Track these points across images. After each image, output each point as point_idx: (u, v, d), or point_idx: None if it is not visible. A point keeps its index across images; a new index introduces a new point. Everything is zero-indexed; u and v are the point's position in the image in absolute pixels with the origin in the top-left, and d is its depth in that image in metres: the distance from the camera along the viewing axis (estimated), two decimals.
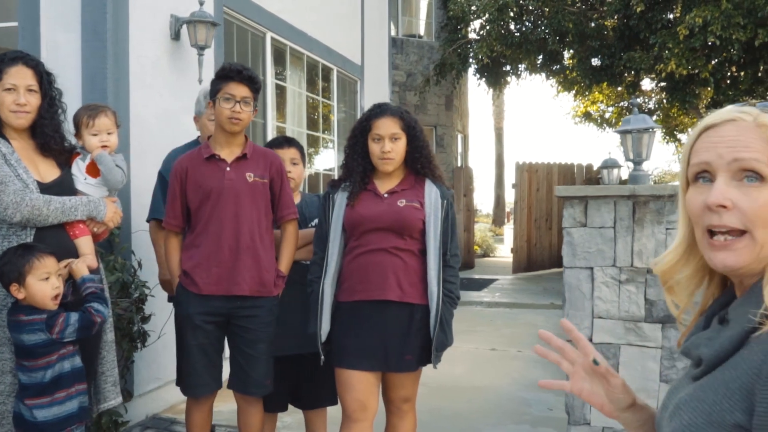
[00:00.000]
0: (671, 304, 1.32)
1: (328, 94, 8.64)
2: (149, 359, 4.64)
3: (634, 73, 11.95)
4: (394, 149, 3.09)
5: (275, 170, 3.39)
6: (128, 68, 4.64)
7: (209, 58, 5.44)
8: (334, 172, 8.62)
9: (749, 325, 1.07)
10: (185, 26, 5.13)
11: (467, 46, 13.43)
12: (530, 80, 66.82)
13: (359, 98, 9.42)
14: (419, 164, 3.18)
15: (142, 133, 4.73)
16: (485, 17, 12.55)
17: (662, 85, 12.37)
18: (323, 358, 3.16)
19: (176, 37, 5.16)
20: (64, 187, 2.97)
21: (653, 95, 14.63)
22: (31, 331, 2.69)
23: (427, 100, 14.66)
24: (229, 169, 3.29)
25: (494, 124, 30.04)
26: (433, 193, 3.16)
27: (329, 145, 8.92)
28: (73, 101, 3.73)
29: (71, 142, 3.10)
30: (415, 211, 3.09)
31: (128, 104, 4.63)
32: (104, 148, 3.10)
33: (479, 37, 13.29)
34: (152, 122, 4.87)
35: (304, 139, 7.79)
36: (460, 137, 16.79)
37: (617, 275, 3.72)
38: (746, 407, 1.02)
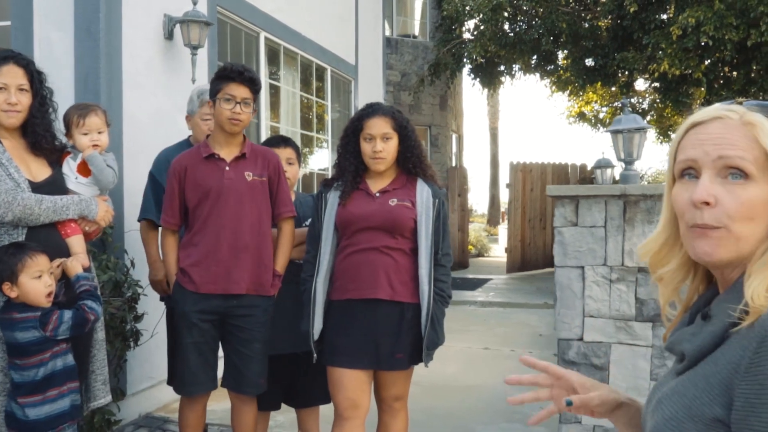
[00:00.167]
0: (661, 295, 1.34)
1: (322, 93, 8.65)
2: (142, 358, 4.65)
3: (627, 73, 11.98)
4: (385, 149, 3.11)
5: (273, 169, 3.41)
6: (121, 68, 4.65)
7: (203, 57, 5.45)
8: (328, 171, 8.63)
9: (729, 320, 1.09)
10: (178, 26, 5.13)
11: (461, 46, 13.45)
12: (524, 80, 66.88)
13: (353, 98, 9.43)
14: (411, 164, 3.20)
15: (135, 132, 4.74)
16: (479, 17, 12.56)
17: (655, 85, 12.40)
18: (316, 356, 3.18)
19: (169, 36, 5.16)
20: (55, 186, 2.97)
21: (647, 95, 14.67)
22: (24, 328, 2.69)
23: (421, 100, 14.66)
24: (228, 168, 3.31)
25: (489, 124, 30.09)
26: (424, 192, 3.17)
27: (323, 144, 8.93)
28: (66, 100, 3.74)
29: (62, 141, 3.10)
30: (406, 210, 3.11)
31: (121, 104, 4.64)
32: (95, 147, 3.11)
33: (473, 37, 13.30)
34: (145, 122, 4.87)
35: (298, 138, 7.80)
36: (454, 137, 16.80)
37: (608, 274, 3.74)
38: (725, 401, 1.03)
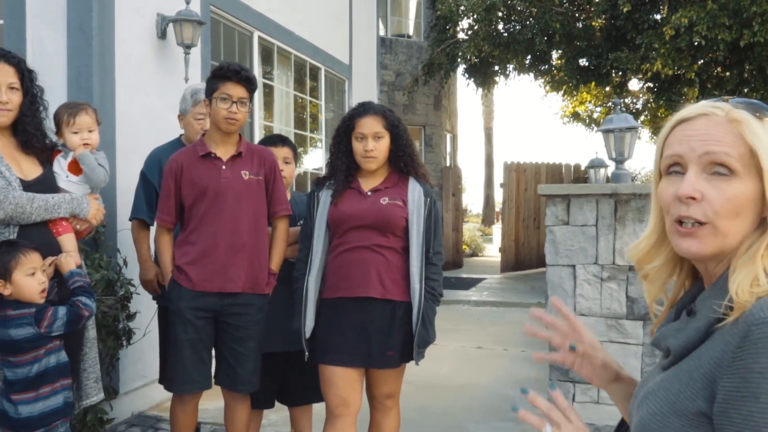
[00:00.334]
0: (647, 291, 1.36)
1: (316, 93, 8.65)
2: (135, 357, 4.65)
3: (621, 73, 12.01)
4: (377, 148, 3.12)
5: (269, 167, 3.42)
6: (114, 66, 4.64)
7: (196, 56, 5.45)
8: (322, 171, 8.63)
9: (714, 315, 1.10)
10: (171, 25, 5.13)
11: (456, 46, 13.46)
12: (519, 80, 66.98)
13: (347, 97, 9.43)
14: (403, 162, 3.22)
15: (127, 131, 4.74)
16: (473, 17, 12.57)
17: (649, 85, 12.43)
18: (307, 354, 3.19)
19: (162, 35, 5.16)
20: (46, 184, 2.97)
21: (641, 95, 14.70)
22: (19, 325, 2.69)
23: (415, 99, 14.68)
24: (225, 167, 3.32)
25: (484, 124, 30.12)
26: (416, 191, 3.19)
27: (317, 144, 8.93)
28: (58, 99, 3.73)
29: (52, 139, 3.10)
30: (397, 208, 3.12)
31: (114, 102, 4.64)
32: (85, 145, 3.11)
33: (467, 37, 13.32)
34: (138, 121, 4.87)
35: (291, 138, 7.78)
36: (448, 137, 16.82)
37: (599, 273, 3.75)
38: (708, 395, 1.05)
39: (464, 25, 13.85)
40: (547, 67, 14.09)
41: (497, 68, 14.53)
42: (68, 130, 3.10)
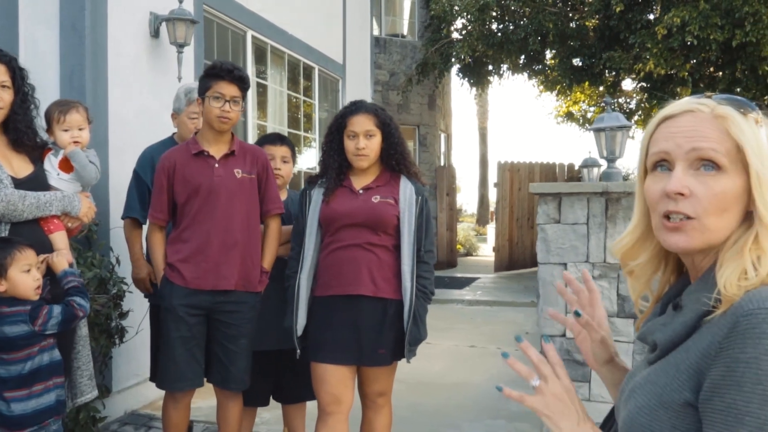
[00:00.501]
0: (632, 288, 1.37)
1: (309, 92, 8.66)
2: (128, 356, 4.65)
3: (614, 73, 12.04)
4: (368, 146, 3.13)
5: (261, 166, 3.43)
6: (107, 65, 4.65)
7: (189, 55, 5.45)
8: (316, 170, 8.62)
9: (703, 308, 1.11)
10: (164, 24, 5.14)
11: (449, 45, 13.48)
12: (513, 80, 67.03)
13: (341, 97, 9.44)
14: (394, 161, 3.23)
15: (120, 130, 4.74)
16: (467, 17, 12.60)
17: (642, 85, 12.47)
18: (299, 352, 3.20)
19: (155, 34, 5.17)
20: (38, 182, 2.97)
21: (634, 95, 14.74)
22: (13, 322, 2.70)
23: (410, 99, 14.69)
24: (217, 165, 3.33)
25: (478, 123, 30.15)
26: (408, 189, 3.20)
27: (311, 143, 8.94)
28: (51, 98, 3.72)
29: (42, 137, 3.10)
30: (389, 207, 3.13)
31: (107, 101, 4.64)
32: (75, 143, 3.11)
33: (461, 36, 13.34)
34: (131, 120, 4.87)
35: None
36: (443, 136, 16.82)
37: (590, 271, 3.77)
38: (694, 386, 1.06)
39: (458, 24, 13.88)
40: (540, 66, 14.12)
41: (491, 68, 14.56)
42: (59, 127, 3.10)
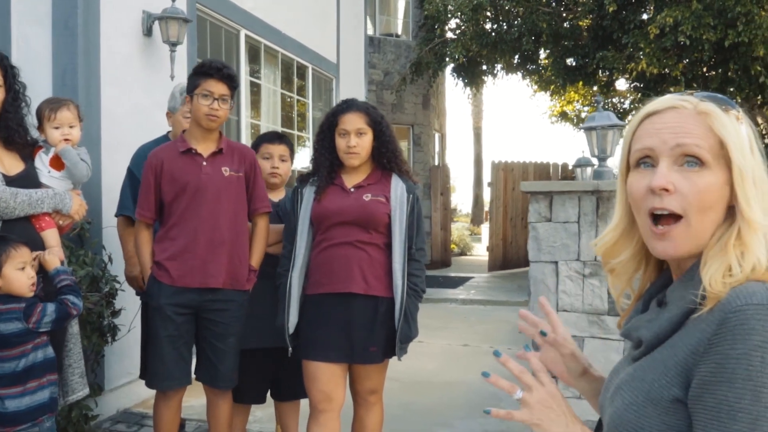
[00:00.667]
0: (613, 286, 1.38)
1: (303, 92, 8.66)
2: (120, 354, 4.65)
3: (608, 73, 12.06)
4: (359, 144, 3.14)
5: (249, 165, 3.44)
6: (99, 64, 4.64)
7: (182, 54, 5.45)
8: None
9: (689, 306, 1.12)
10: (157, 22, 5.13)
11: (443, 45, 13.49)
12: (507, 80, 67.13)
13: (335, 96, 9.44)
14: (386, 159, 3.23)
15: (113, 128, 4.74)
16: (460, 17, 12.62)
17: (636, 85, 12.50)
18: (291, 350, 3.21)
19: (148, 33, 5.16)
20: (29, 180, 2.98)
21: (628, 95, 14.78)
22: (7, 320, 2.70)
23: (404, 99, 14.69)
24: (205, 163, 3.33)
25: (473, 123, 30.15)
26: (399, 187, 3.21)
27: (305, 143, 8.94)
28: (43, 96, 3.72)
29: (32, 135, 3.11)
30: (380, 205, 3.14)
31: (99, 100, 4.64)
32: (66, 141, 3.11)
33: (455, 36, 13.35)
34: (124, 118, 4.87)
35: None
36: (437, 136, 16.83)
37: (581, 269, 3.79)
38: (682, 382, 1.07)
39: (452, 24, 13.89)
40: (534, 66, 14.14)
41: (485, 68, 14.59)
42: (49, 125, 3.11)
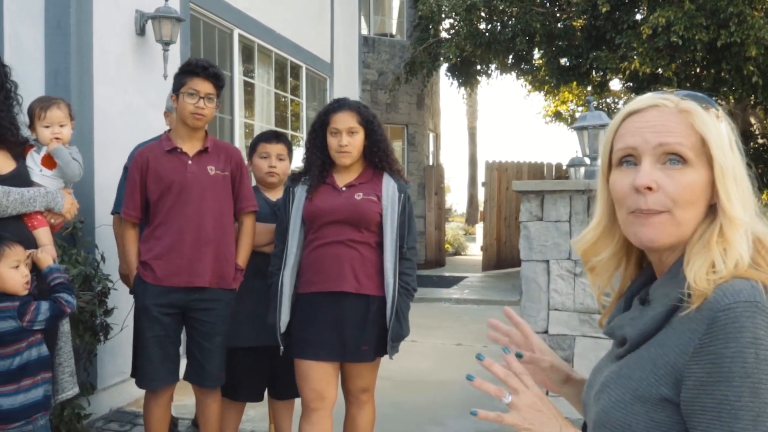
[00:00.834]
0: (593, 284, 1.38)
1: (297, 91, 8.66)
2: (113, 353, 4.65)
3: (601, 73, 12.10)
4: (351, 143, 3.15)
5: (235, 164, 3.44)
6: (92, 63, 4.64)
7: (175, 53, 5.44)
8: None
9: (673, 303, 1.12)
10: (150, 21, 5.13)
11: (438, 45, 13.51)
12: (501, 80, 67.21)
13: (329, 96, 9.43)
14: (377, 158, 3.24)
15: (106, 128, 4.74)
16: (454, 17, 12.63)
17: (629, 85, 12.54)
18: (283, 349, 3.21)
19: (141, 32, 5.16)
20: (21, 178, 2.98)
21: (622, 95, 14.81)
22: (1, 318, 2.71)
23: (398, 98, 14.70)
24: (191, 162, 3.33)
25: (467, 123, 30.17)
26: (390, 186, 3.22)
27: (299, 142, 8.93)
28: (36, 95, 3.73)
29: (24, 134, 3.11)
30: (371, 204, 3.15)
31: (92, 99, 4.64)
32: (57, 140, 3.12)
33: (449, 36, 13.37)
34: (116, 117, 4.87)
35: None
36: (431, 136, 16.84)
37: (572, 268, 3.80)
38: (672, 382, 1.07)
39: (446, 24, 13.91)
40: (528, 66, 14.17)
41: (479, 68, 14.61)
42: (40, 124, 3.11)
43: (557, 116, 17.95)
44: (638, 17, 11.12)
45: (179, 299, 3.31)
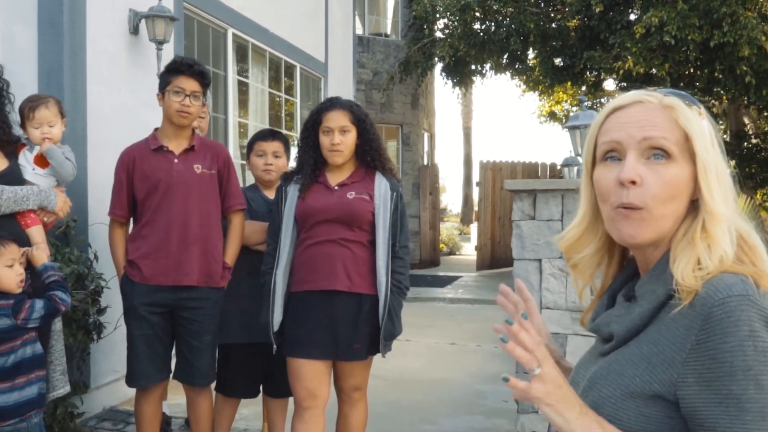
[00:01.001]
0: (575, 280, 1.39)
1: (291, 91, 8.66)
2: (107, 352, 4.64)
3: (595, 72, 12.13)
4: (343, 141, 3.15)
5: (222, 162, 3.45)
6: (85, 62, 4.64)
7: (168, 53, 5.43)
8: None
9: (660, 299, 1.14)
10: (144, 20, 5.13)
11: (432, 45, 13.52)
12: (496, 80, 67.25)
13: (323, 95, 9.43)
14: (369, 157, 3.25)
15: (99, 127, 4.73)
16: (449, 16, 12.65)
17: (623, 84, 12.56)
18: (275, 347, 3.22)
19: (135, 31, 5.16)
20: (13, 177, 2.99)
21: (616, 95, 14.82)
22: None
23: (393, 98, 14.69)
24: (177, 160, 3.33)
25: (462, 123, 30.20)
26: (382, 185, 3.22)
27: (293, 142, 8.93)
28: (29, 94, 3.73)
29: (16, 133, 3.11)
30: (364, 203, 3.16)
31: (85, 98, 4.63)
32: (47, 140, 3.12)
33: (444, 36, 13.39)
34: (110, 116, 4.87)
35: None
36: (426, 136, 16.84)
37: (564, 267, 3.81)
38: (666, 379, 1.08)
39: (440, 24, 13.92)
40: (523, 66, 14.19)
41: (474, 67, 14.62)
42: (29, 124, 3.12)
43: (551, 116, 17.97)
44: (632, 17, 11.15)
45: (167, 298, 3.31)
